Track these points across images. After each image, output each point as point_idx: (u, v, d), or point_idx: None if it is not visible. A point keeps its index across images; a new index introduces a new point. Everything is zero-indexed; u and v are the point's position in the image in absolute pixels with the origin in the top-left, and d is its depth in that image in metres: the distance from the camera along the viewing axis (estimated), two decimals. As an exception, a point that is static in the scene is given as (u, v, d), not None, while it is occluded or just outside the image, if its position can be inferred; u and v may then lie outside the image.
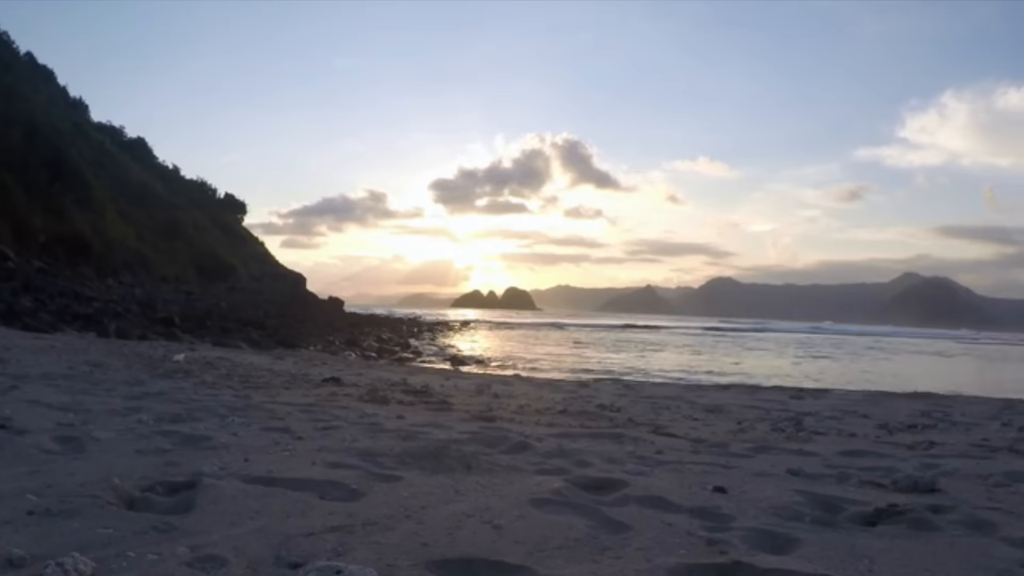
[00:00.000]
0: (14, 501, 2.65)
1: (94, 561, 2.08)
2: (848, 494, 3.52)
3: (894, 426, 7.07)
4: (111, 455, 3.63)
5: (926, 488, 3.64)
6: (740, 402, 9.41)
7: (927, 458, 4.88)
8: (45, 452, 3.64)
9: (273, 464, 3.58)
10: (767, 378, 18.67)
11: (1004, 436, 6.46)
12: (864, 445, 5.49)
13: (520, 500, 3.10)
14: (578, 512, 2.99)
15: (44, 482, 2.96)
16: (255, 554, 2.27)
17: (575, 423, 6.18)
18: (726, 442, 5.35)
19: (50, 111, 46.04)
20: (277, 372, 10.36)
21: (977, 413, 8.92)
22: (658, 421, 6.69)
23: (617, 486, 3.51)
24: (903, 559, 2.53)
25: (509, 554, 2.40)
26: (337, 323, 38.37)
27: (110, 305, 23.51)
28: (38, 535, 2.33)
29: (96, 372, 8.24)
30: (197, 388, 7.34)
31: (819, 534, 2.81)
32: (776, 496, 3.37)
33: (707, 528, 2.82)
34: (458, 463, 3.91)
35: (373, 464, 3.75)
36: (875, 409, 9.10)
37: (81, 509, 2.61)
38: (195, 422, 4.85)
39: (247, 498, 2.89)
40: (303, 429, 4.81)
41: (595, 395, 9.53)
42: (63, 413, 4.88)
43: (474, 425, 5.50)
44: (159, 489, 3.04)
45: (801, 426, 6.71)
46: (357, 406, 6.47)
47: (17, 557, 2.08)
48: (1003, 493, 3.70)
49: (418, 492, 3.19)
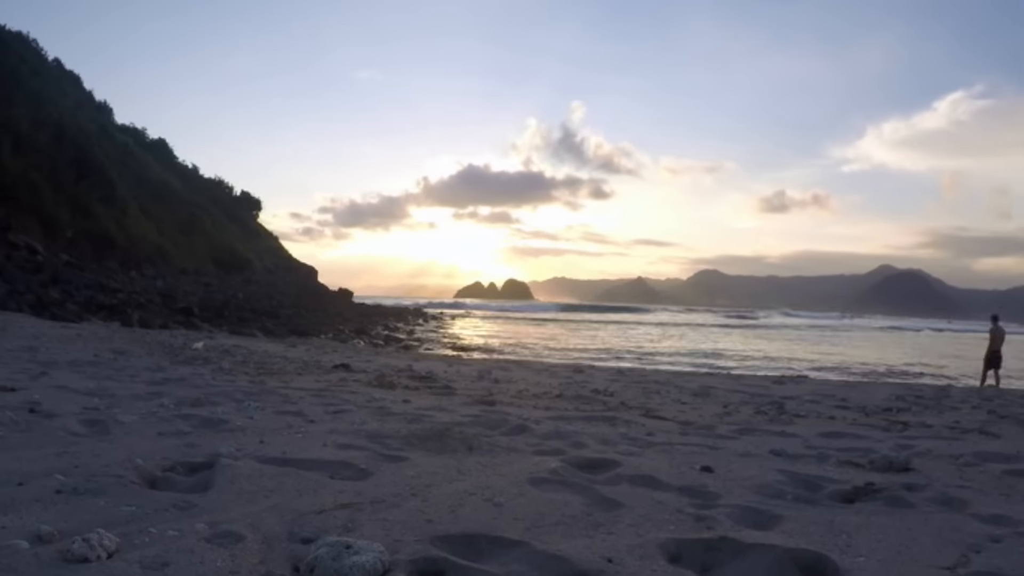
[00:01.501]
0: (43, 480, 2.64)
1: (118, 537, 2.08)
2: (827, 473, 3.52)
3: (870, 409, 7.08)
4: (134, 437, 3.63)
5: (901, 468, 3.64)
6: (726, 387, 9.42)
7: (901, 439, 4.88)
8: (72, 434, 3.64)
9: (287, 445, 3.58)
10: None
11: (974, 419, 6.47)
12: (842, 427, 5.50)
13: (519, 479, 3.10)
14: (573, 490, 2.99)
15: (71, 463, 2.96)
16: (269, 530, 2.27)
17: (571, 407, 6.19)
18: (713, 424, 5.35)
19: (76, 114, 45.97)
20: (290, 359, 10.37)
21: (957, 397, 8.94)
22: (649, 405, 6.70)
23: (610, 466, 3.51)
24: (879, 534, 2.53)
25: (509, 530, 2.39)
26: (347, 313, 38.40)
27: (133, 296, 23.52)
28: (65, 512, 2.32)
29: (120, 359, 8.24)
30: (215, 374, 7.34)
31: (800, 511, 2.81)
32: (760, 475, 3.37)
33: (695, 505, 2.82)
34: (461, 444, 3.91)
35: (381, 445, 3.75)
36: (852, 393, 9.11)
37: (106, 488, 2.60)
38: (213, 406, 4.85)
39: (262, 478, 2.89)
40: (315, 413, 4.81)
41: (589, 380, 9.54)
42: (89, 398, 4.88)
43: (475, 409, 5.50)
44: (179, 469, 3.03)
45: (783, 410, 6.72)
46: (366, 391, 6.47)
47: (46, 533, 2.08)
48: (973, 472, 3.70)
49: (423, 472, 3.19)
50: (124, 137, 56.95)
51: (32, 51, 50.90)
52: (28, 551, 1.97)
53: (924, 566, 2.22)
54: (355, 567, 1.92)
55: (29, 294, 18.82)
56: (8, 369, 6.26)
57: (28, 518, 2.24)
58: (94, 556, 1.94)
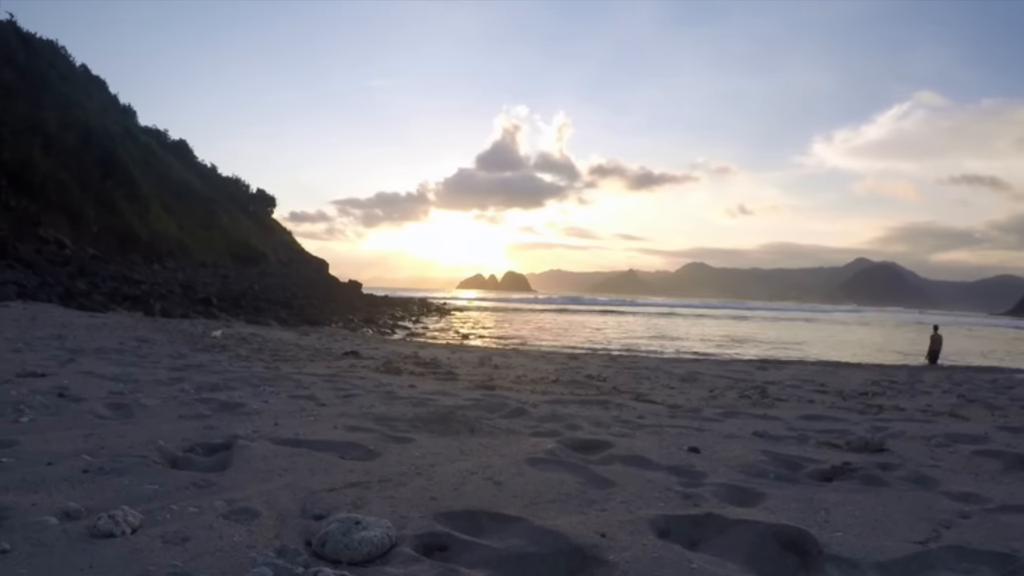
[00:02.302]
0: (71, 461, 2.64)
1: (141, 513, 2.08)
2: (807, 453, 3.53)
3: (847, 393, 7.09)
4: (156, 420, 3.62)
5: (876, 448, 3.65)
6: (712, 372, 9.42)
7: (877, 422, 4.89)
8: (98, 417, 3.64)
9: (300, 428, 3.58)
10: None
11: (945, 402, 6.48)
12: (821, 410, 5.51)
13: (517, 459, 3.10)
14: (569, 470, 2.99)
15: (97, 444, 2.96)
16: (283, 507, 2.27)
17: (566, 391, 6.19)
18: (699, 408, 5.35)
19: (102, 116, 45.90)
20: (303, 346, 10.37)
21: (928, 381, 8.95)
22: (639, 389, 6.70)
23: (603, 447, 3.51)
24: (856, 511, 2.53)
25: (508, 507, 2.40)
26: (356, 303, 38.38)
27: (155, 287, 23.51)
28: (92, 490, 2.32)
29: (143, 347, 8.23)
30: (232, 361, 7.34)
31: (781, 489, 2.81)
32: (743, 456, 3.37)
33: (683, 484, 2.83)
34: (463, 427, 3.91)
35: (388, 427, 3.75)
36: (830, 378, 9.13)
37: (130, 468, 2.60)
38: (231, 391, 4.85)
39: (277, 458, 2.89)
40: (326, 397, 4.81)
41: (584, 366, 9.54)
42: (114, 383, 4.87)
43: (477, 393, 5.50)
44: (199, 450, 3.03)
45: (765, 394, 6.72)
46: (374, 376, 6.47)
47: (73, 510, 2.08)
48: (944, 453, 3.71)
49: (427, 452, 3.19)
50: (147, 138, 56.87)
51: (61, 58, 50.76)
52: (57, 527, 1.97)
53: (898, 541, 2.22)
54: (364, 542, 1.92)
55: (58, 286, 18.81)
56: (38, 356, 6.26)
57: (57, 496, 2.24)
58: (119, 531, 1.94)
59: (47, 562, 1.76)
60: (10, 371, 5.05)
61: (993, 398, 7.06)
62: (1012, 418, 5.37)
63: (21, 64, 36.66)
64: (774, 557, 2.12)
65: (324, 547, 1.92)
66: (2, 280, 17.50)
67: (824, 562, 2.05)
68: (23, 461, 2.61)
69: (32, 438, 2.99)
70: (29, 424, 3.32)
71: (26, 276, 19.17)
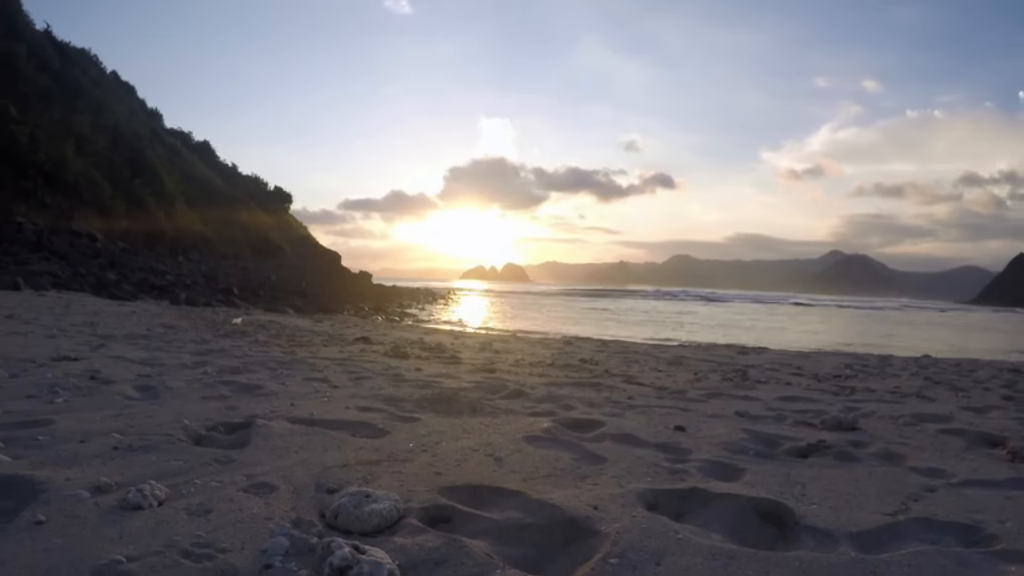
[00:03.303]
0: (102, 439, 2.64)
1: (167, 487, 2.08)
2: (784, 432, 3.53)
3: (822, 376, 7.09)
4: (181, 401, 3.62)
5: (848, 427, 3.65)
6: (696, 356, 9.42)
7: (849, 402, 4.89)
8: (127, 398, 3.64)
9: (314, 408, 3.58)
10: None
11: (912, 384, 6.48)
12: (797, 392, 5.51)
13: (516, 437, 3.10)
14: (564, 447, 2.99)
15: (127, 423, 2.96)
16: (299, 481, 2.27)
17: (561, 374, 6.19)
18: (685, 389, 5.36)
19: (131, 119, 45.69)
20: (317, 332, 10.36)
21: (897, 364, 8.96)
22: (629, 372, 6.70)
23: (596, 426, 3.51)
24: (830, 485, 2.53)
25: (507, 481, 2.40)
26: (366, 293, 38.32)
27: (180, 278, 23.48)
28: (122, 466, 2.32)
29: (169, 333, 8.23)
30: (252, 346, 7.33)
31: (761, 465, 2.82)
32: (726, 434, 3.38)
33: (669, 460, 2.83)
34: (465, 407, 3.91)
35: (396, 408, 3.75)
36: (806, 362, 9.13)
37: (157, 445, 2.60)
38: (250, 374, 4.85)
39: (293, 436, 2.89)
40: (339, 379, 4.81)
41: (578, 351, 9.54)
42: (142, 366, 4.87)
43: (478, 376, 5.50)
44: (221, 429, 3.04)
45: (746, 376, 6.72)
46: (383, 360, 6.47)
47: (105, 484, 2.08)
48: (911, 431, 3.71)
49: (432, 431, 3.19)
50: (172, 139, 56.64)
51: (93, 65, 50.49)
52: (89, 500, 1.98)
53: (869, 512, 2.22)
54: (373, 513, 1.92)
55: (90, 276, 18.79)
56: (72, 341, 6.25)
57: (89, 471, 2.24)
58: (147, 504, 1.94)
59: (80, 532, 1.76)
60: (45, 355, 5.05)
61: (957, 380, 7.07)
62: (974, 399, 5.38)
63: (56, 71, 36.50)
64: (754, 528, 2.12)
65: (337, 518, 1.92)
66: (38, 271, 17.49)
67: (800, 532, 2.05)
68: (57, 439, 2.61)
69: (66, 417, 2.99)
70: (63, 404, 3.32)
71: (60, 267, 19.15)
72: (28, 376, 4.07)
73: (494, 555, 1.78)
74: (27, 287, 14.92)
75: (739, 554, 1.82)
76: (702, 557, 1.79)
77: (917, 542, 1.98)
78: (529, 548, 1.89)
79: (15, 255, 19.40)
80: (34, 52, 34.23)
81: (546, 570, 1.75)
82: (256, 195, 64.94)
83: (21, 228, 22.54)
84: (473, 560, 1.72)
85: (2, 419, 2.89)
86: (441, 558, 1.72)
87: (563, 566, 1.78)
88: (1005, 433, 3.65)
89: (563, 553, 1.87)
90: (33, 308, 10.29)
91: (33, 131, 27.02)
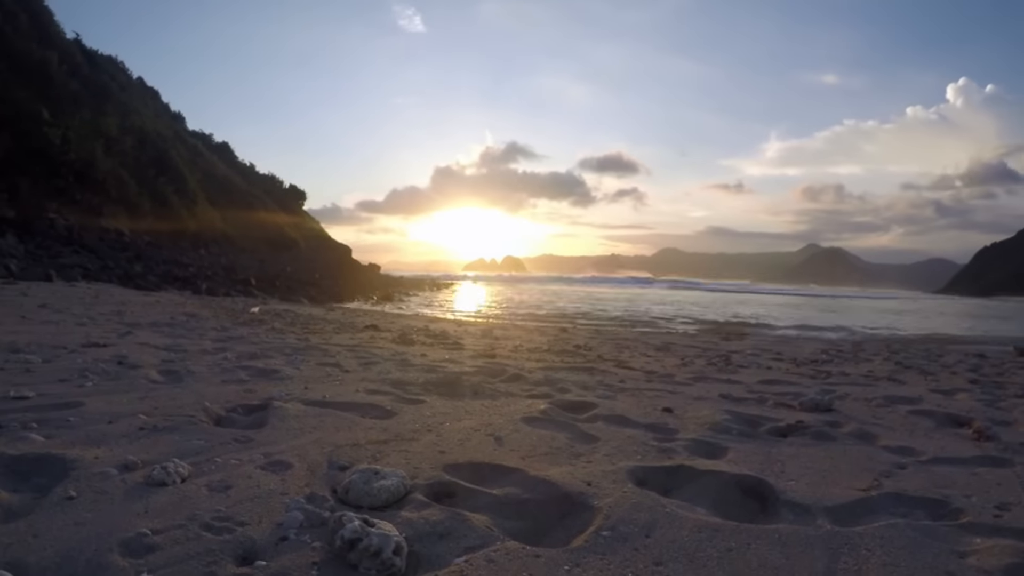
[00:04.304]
0: (128, 420, 2.64)
1: (190, 465, 2.08)
2: (765, 413, 3.53)
3: (800, 361, 7.09)
4: (202, 384, 3.62)
5: (825, 408, 3.65)
6: (683, 343, 9.43)
7: (825, 385, 4.89)
8: (152, 382, 3.63)
9: (326, 391, 3.58)
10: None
11: (884, 368, 6.48)
12: (777, 375, 5.51)
13: (515, 418, 3.10)
14: (559, 427, 2.99)
15: (152, 405, 2.95)
16: (313, 459, 2.27)
17: (557, 359, 6.19)
18: (672, 373, 5.36)
19: (156, 122, 45.55)
20: (329, 320, 10.36)
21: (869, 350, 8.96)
22: (620, 357, 6.70)
23: (589, 407, 3.51)
24: (807, 462, 2.53)
25: (506, 459, 2.40)
26: (375, 284, 38.27)
27: (202, 270, 23.45)
28: (147, 445, 2.32)
29: (191, 321, 8.22)
30: (268, 333, 7.33)
31: (743, 444, 2.82)
32: (710, 415, 3.38)
33: (658, 439, 2.83)
34: (468, 390, 3.91)
35: (403, 391, 3.75)
36: (786, 348, 9.13)
37: (180, 426, 2.60)
38: (267, 359, 4.84)
39: (307, 417, 2.89)
40: (349, 364, 4.81)
41: (573, 337, 9.54)
42: (166, 352, 4.86)
43: (480, 361, 5.49)
44: (239, 410, 3.03)
45: (729, 361, 6.73)
46: (390, 346, 6.46)
47: (131, 462, 2.08)
48: (883, 412, 3.71)
49: (437, 412, 3.19)
50: (194, 141, 56.44)
51: (120, 71, 50.28)
52: (117, 477, 1.97)
53: (844, 488, 2.22)
54: (382, 489, 1.92)
55: (117, 268, 18.75)
56: (101, 329, 6.24)
57: (117, 450, 2.24)
58: (171, 480, 1.95)
59: (109, 507, 1.76)
60: (76, 342, 5.04)
61: (926, 365, 7.07)
62: (942, 382, 5.38)
63: (85, 76, 36.38)
64: (737, 502, 2.13)
65: (348, 494, 1.92)
66: (69, 263, 17.45)
67: (780, 507, 2.06)
68: (87, 420, 2.61)
69: (95, 400, 2.98)
70: (92, 388, 3.31)
71: (90, 260, 19.11)
72: (60, 361, 4.07)
73: (494, 528, 1.78)
74: (59, 279, 14.89)
75: (723, 527, 1.82)
76: (688, 529, 1.79)
77: (889, 516, 1.98)
78: (527, 521, 1.89)
79: (48, 249, 19.36)
80: (65, 59, 34.08)
81: (543, 542, 1.75)
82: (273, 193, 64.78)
83: (53, 224, 22.48)
84: (475, 532, 1.72)
85: (36, 401, 2.89)
86: (445, 531, 1.72)
87: (559, 538, 1.78)
88: (971, 414, 3.65)
89: (559, 526, 1.88)
90: (64, 298, 10.28)
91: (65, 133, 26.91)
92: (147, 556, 1.51)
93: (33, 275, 14.53)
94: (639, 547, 1.68)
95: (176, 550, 1.54)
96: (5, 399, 2.89)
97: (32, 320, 6.61)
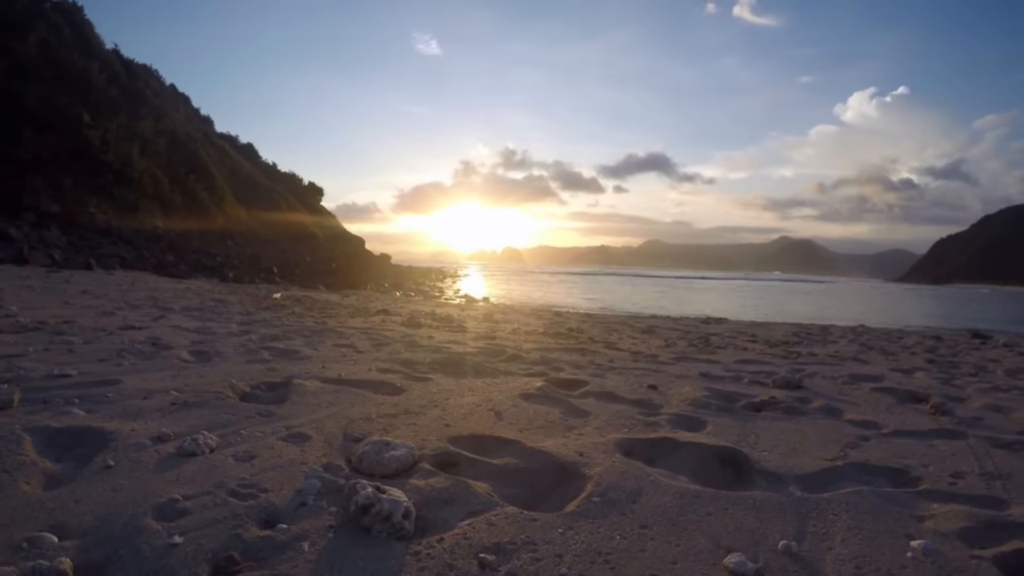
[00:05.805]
0: (162, 396, 2.63)
1: (218, 437, 2.07)
2: (741, 390, 3.53)
3: (773, 342, 7.09)
4: (229, 364, 3.61)
5: (795, 386, 3.65)
6: (666, 326, 9.42)
7: (796, 365, 4.89)
8: (183, 362, 3.62)
9: (342, 369, 3.57)
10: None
11: (849, 350, 6.48)
12: (752, 356, 5.51)
13: (513, 394, 3.10)
14: (553, 403, 2.99)
15: (183, 382, 2.94)
16: (329, 432, 2.27)
17: (552, 341, 6.18)
18: (656, 354, 5.35)
19: (187, 125, 45.39)
20: (345, 305, 10.34)
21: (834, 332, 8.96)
22: (609, 339, 6.69)
23: (581, 385, 3.51)
24: (780, 435, 2.53)
25: (505, 432, 2.39)
26: (386, 272, 38.21)
27: (228, 260, 23.38)
28: (179, 419, 2.31)
29: (219, 306, 8.20)
30: (289, 317, 7.31)
31: (721, 418, 2.81)
32: (691, 392, 3.37)
33: (643, 414, 2.83)
34: (470, 369, 3.90)
35: (411, 370, 3.75)
36: (760, 331, 9.13)
37: (208, 401, 2.59)
38: (288, 340, 4.83)
39: (324, 393, 2.88)
40: (363, 345, 4.80)
41: (566, 321, 9.53)
42: (196, 335, 4.85)
43: (481, 342, 5.49)
44: (263, 387, 3.02)
45: (709, 343, 6.72)
46: (400, 329, 6.45)
47: (164, 434, 2.07)
48: (849, 389, 3.71)
49: (442, 389, 3.19)
50: (222, 142, 56.16)
51: (154, 78, 50.06)
52: (151, 447, 1.97)
53: (813, 458, 2.22)
54: (392, 459, 1.91)
55: (152, 258, 18.69)
56: (137, 313, 6.23)
57: (151, 423, 2.23)
58: (200, 451, 1.94)
59: (144, 475, 1.76)
60: (114, 325, 5.02)
61: (887, 346, 7.08)
62: (902, 362, 5.39)
63: (123, 83, 36.23)
64: (715, 471, 2.12)
65: (361, 463, 1.92)
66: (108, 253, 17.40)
67: (755, 475, 2.05)
68: (124, 396, 2.60)
69: (131, 378, 2.98)
70: (129, 367, 3.30)
71: (126, 250, 19.05)
72: (99, 343, 4.06)
73: (495, 494, 1.78)
74: (98, 267, 14.86)
75: (703, 493, 1.82)
76: (671, 496, 1.79)
77: (853, 483, 1.98)
78: (524, 488, 1.89)
79: (88, 240, 19.32)
80: (105, 68, 33.89)
81: (539, 507, 1.75)
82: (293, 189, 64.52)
83: (94, 218, 22.42)
84: (477, 499, 1.71)
85: (77, 379, 2.88)
86: (450, 497, 1.72)
87: (553, 504, 1.78)
88: (928, 391, 3.65)
89: (553, 493, 1.87)
90: (103, 285, 10.25)
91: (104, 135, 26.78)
92: (178, 520, 1.51)
93: (75, 264, 14.50)
94: (626, 512, 1.68)
95: (205, 514, 1.54)
96: (50, 377, 2.88)
97: (74, 305, 6.59)
